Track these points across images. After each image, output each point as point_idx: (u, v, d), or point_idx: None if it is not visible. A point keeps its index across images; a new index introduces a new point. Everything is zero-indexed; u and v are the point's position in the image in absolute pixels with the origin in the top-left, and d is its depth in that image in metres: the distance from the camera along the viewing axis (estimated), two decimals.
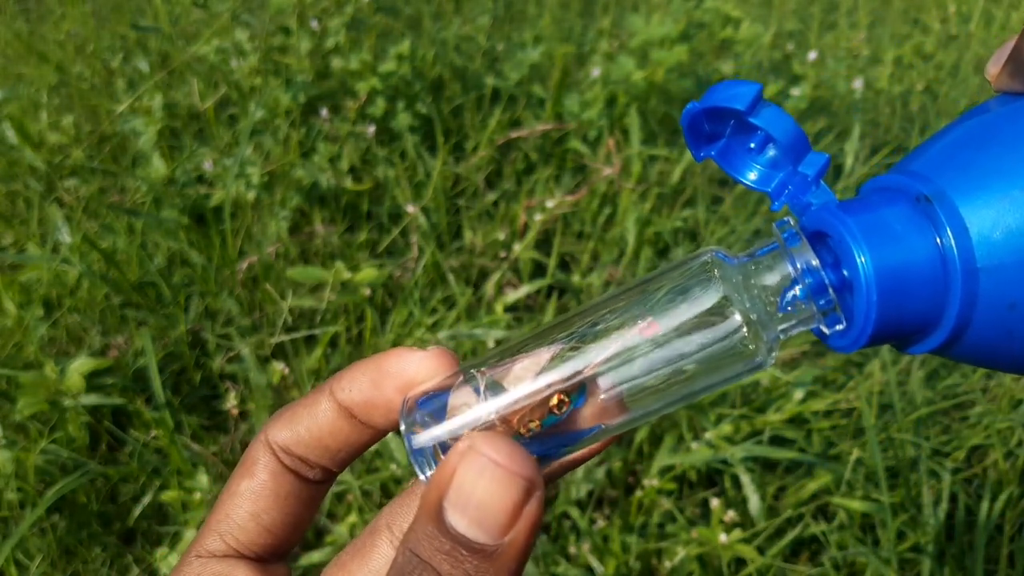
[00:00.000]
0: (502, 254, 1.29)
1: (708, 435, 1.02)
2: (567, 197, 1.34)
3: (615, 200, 1.37)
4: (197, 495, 0.94)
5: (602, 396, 0.25)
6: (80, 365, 1.01)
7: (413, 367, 0.26)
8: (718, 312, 0.24)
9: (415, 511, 0.24)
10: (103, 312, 1.19)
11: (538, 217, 1.30)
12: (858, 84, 1.63)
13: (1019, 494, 0.98)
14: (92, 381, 1.03)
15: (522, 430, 0.24)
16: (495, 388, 0.25)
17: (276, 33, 1.50)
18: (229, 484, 0.28)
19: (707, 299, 0.24)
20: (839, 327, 0.25)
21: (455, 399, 0.25)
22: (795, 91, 1.55)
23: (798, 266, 0.24)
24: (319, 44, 1.49)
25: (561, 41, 1.68)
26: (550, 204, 1.31)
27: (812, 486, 1.00)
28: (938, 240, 0.23)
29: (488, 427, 0.24)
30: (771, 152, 0.27)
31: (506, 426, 0.24)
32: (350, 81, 1.46)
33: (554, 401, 0.24)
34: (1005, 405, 1.06)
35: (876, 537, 0.97)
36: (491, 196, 1.40)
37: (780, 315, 0.25)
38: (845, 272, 0.24)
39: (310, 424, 0.27)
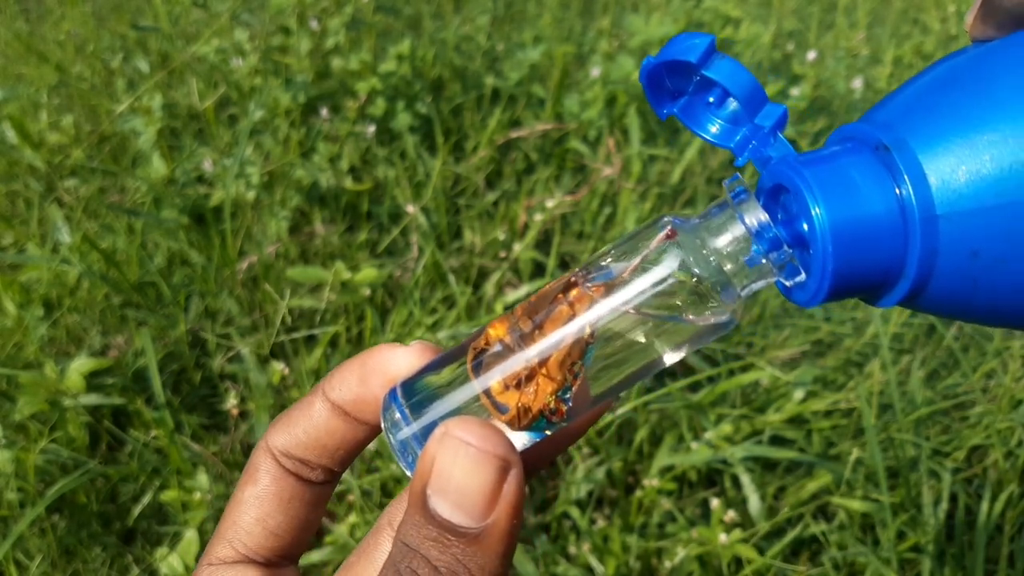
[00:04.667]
0: (502, 254, 1.29)
1: (708, 435, 1.02)
2: (567, 197, 1.34)
3: (615, 200, 1.37)
4: (197, 495, 0.94)
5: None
6: (80, 365, 1.01)
7: (396, 363, 0.27)
8: (674, 282, 0.24)
9: None
10: (103, 312, 1.19)
11: (538, 217, 1.30)
12: (858, 84, 1.63)
13: (1019, 494, 0.98)
14: (92, 381, 1.03)
15: (568, 375, 0.24)
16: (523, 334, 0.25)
17: (276, 33, 1.50)
18: (235, 492, 0.29)
19: (666, 266, 0.24)
20: (799, 278, 0.24)
21: (490, 357, 0.25)
22: (795, 91, 1.55)
23: (748, 223, 0.24)
24: (319, 44, 1.49)
25: (561, 41, 1.68)
26: (550, 204, 1.31)
27: (812, 486, 1.00)
28: (897, 189, 0.23)
29: (529, 377, 0.24)
30: (731, 107, 0.26)
31: (548, 371, 0.24)
32: (350, 81, 1.46)
33: (587, 330, 0.24)
34: (1005, 405, 1.06)
35: (876, 537, 0.97)
36: (491, 196, 1.40)
37: (741, 273, 0.25)
38: (805, 225, 0.24)
39: (307, 426, 0.28)
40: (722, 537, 0.91)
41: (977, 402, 1.09)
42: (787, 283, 0.25)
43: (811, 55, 1.64)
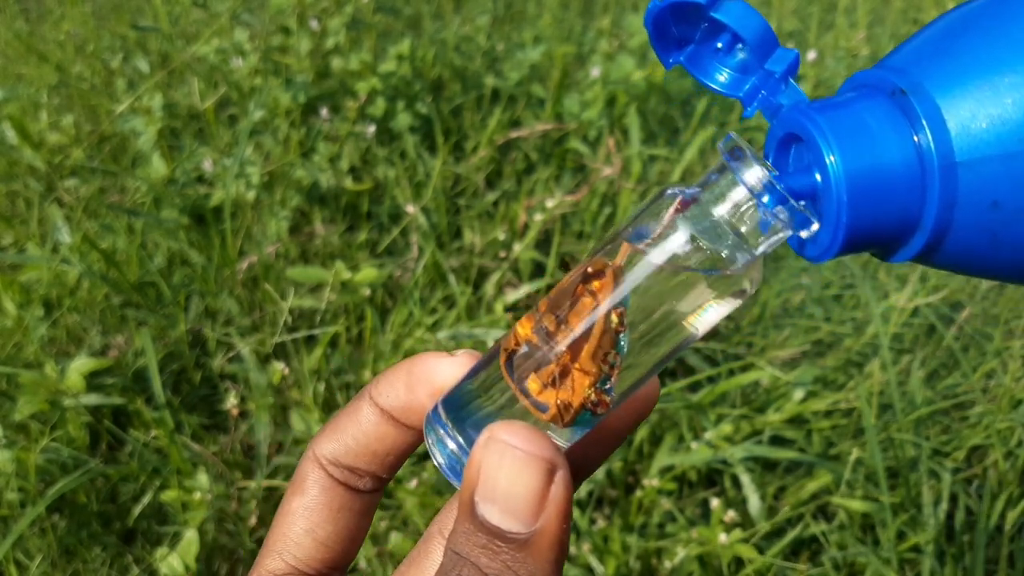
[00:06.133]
0: (502, 254, 1.29)
1: (708, 435, 1.02)
2: (567, 197, 1.34)
3: (615, 200, 1.37)
4: (197, 495, 0.94)
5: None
6: (80, 365, 1.01)
7: (442, 372, 0.27)
8: (689, 251, 0.23)
9: None
10: (103, 312, 1.19)
11: (538, 217, 1.30)
12: None
13: (1019, 494, 0.98)
14: (92, 381, 1.03)
15: (603, 366, 0.24)
16: (550, 330, 0.24)
17: (276, 33, 1.50)
18: (282, 504, 0.28)
19: (674, 243, 0.23)
20: (812, 229, 0.23)
21: (520, 358, 0.24)
22: None
23: (750, 184, 0.23)
24: (319, 44, 1.49)
25: (561, 41, 1.68)
26: (550, 204, 1.31)
27: (812, 486, 1.00)
28: (915, 135, 0.22)
29: (564, 373, 0.23)
30: (740, 55, 0.25)
31: (581, 366, 0.24)
32: (350, 81, 1.46)
33: (615, 319, 0.23)
34: (1005, 405, 1.06)
35: (876, 537, 0.97)
36: (491, 196, 1.40)
37: (753, 235, 0.23)
38: (818, 176, 0.23)
39: (355, 432, 0.28)
40: (722, 537, 0.91)
41: (977, 402, 1.09)
42: (802, 234, 0.24)
43: (811, 55, 1.64)
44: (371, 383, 0.28)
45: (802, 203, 0.23)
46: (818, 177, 0.23)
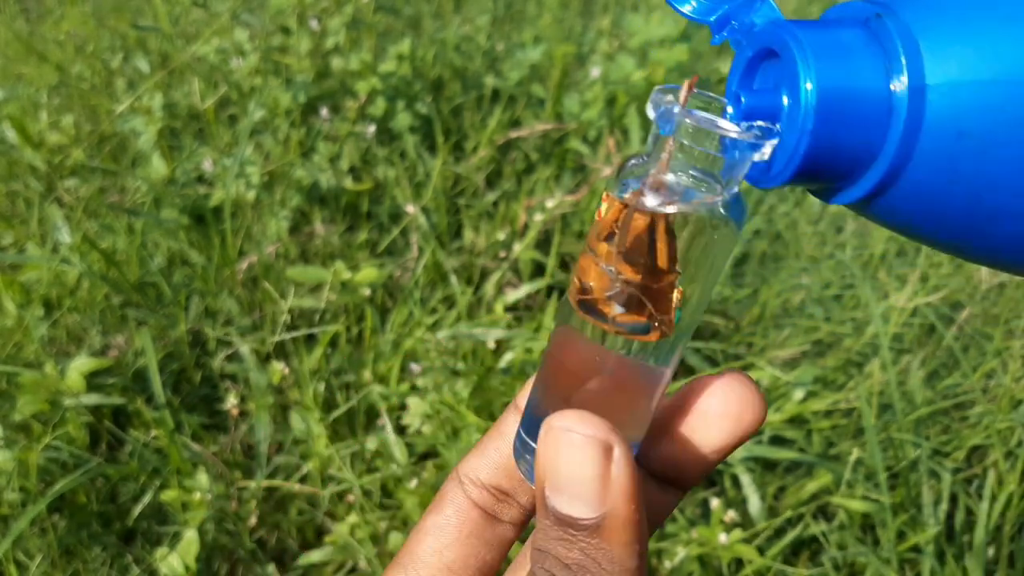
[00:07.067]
0: (502, 254, 1.29)
1: None
2: (567, 197, 1.34)
3: None
4: (197, 495, 0.94)
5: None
6: (80, 365, 1.01)
7: None
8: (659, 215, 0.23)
9: None
10: (103, 312, 1.19)
11: (538, 217, 1.30)
12: None
13: (1019, 494, 0.98)
14: (92, 381, 1.03)
15: (675, 266, 0.24)
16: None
17: (276, 33, 1.50)
18: (420, 521, 0.29)
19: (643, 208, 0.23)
20: (768, 144, 0.22)
21: (601, 296, 0.24)
22: None
23: (686, 138, 0.22)
24: (319, 44, 1.49)
25: (561, 41, 1.68)
26: (550, 204, 1.31)
27: (812, 486, 1.00)
28: (886, 56, 0.21)
29: (645, 291, 0.23)
30: None
31: (658, 276, 0.23)
32: (350, 81, 1.46)
33: (662, 227, 0.24)
34: (1005, 405, 1.06)
35: (876, 537, 0.97)
36: (491, 196, 1.40)
37: (721, 180, 0.23)
38: (784, 99, 0.22)
39: (500, 444, 0.27)
40: (722, 537, 0.91)
41: (977, 402, 1.09)
42: (757, 156, 0.23)
43: None
44: (518, 391, 0.28)
45: (757, 123, 0.23)
46: (785, 100, 0.22)
